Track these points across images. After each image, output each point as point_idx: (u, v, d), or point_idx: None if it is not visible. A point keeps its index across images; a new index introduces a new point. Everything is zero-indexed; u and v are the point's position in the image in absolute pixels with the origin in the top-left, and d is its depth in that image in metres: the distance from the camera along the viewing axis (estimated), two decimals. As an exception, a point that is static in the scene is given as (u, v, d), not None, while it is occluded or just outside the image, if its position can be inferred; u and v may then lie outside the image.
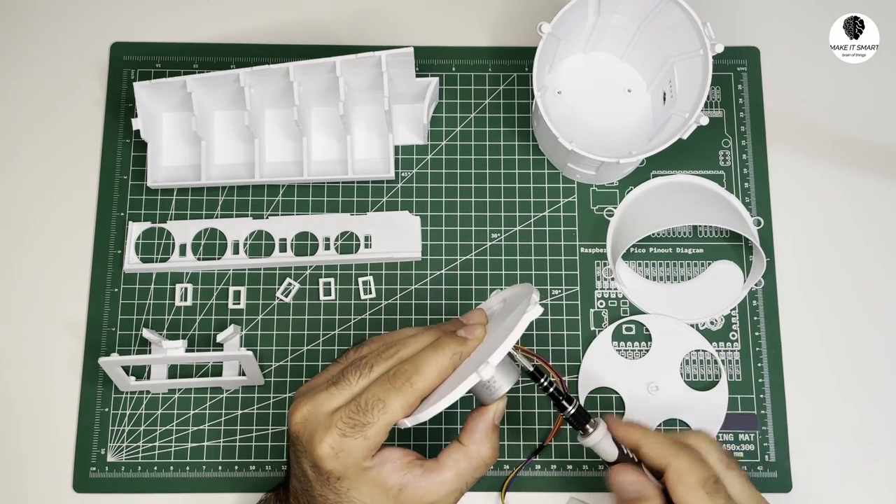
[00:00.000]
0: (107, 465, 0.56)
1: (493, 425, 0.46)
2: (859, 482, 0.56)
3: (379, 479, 0.44)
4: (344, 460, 0.43)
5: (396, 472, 0.44)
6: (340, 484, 0.43)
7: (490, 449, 0.45)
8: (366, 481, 0.43)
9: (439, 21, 0.63)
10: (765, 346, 0.58)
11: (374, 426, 0.43)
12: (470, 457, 0.45)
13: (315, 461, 0.43)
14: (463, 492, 0.45)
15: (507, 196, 0.60)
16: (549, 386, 0.46)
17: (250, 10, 0.63)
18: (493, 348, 0.43)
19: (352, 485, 0.43)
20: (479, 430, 0.45)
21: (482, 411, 0.46)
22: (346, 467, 0.43)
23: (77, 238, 0.59)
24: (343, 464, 0.43)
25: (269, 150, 0.60)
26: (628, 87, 0.60)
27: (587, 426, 0.47)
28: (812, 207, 0.60)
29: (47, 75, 0.62)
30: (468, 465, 0.45)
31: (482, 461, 0.45)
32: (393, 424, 0.43)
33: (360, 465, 0.43)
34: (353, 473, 0.43)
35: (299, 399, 0.45)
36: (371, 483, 0.43)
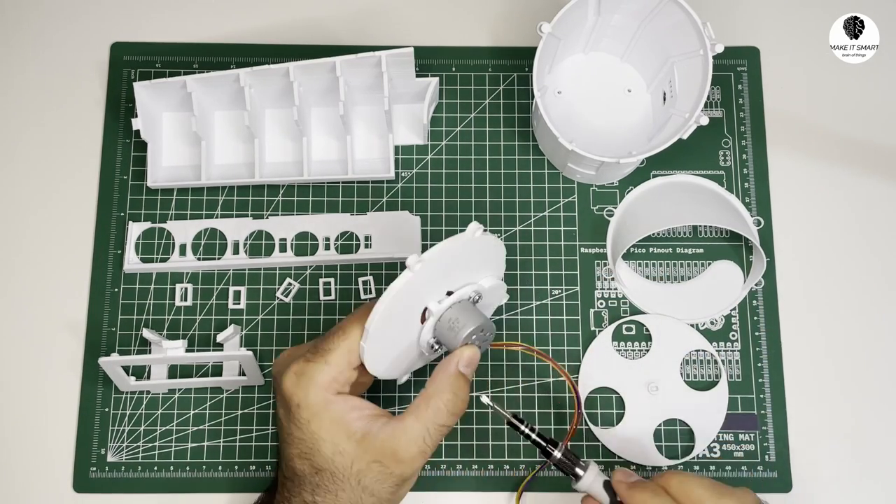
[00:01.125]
0: (107, 465, 0.56)
1: (457, 372, 0.45)
2: (859, 482, 0.56)
3: (340, 417, 0.44)
4: (305, 385, 0.44)
5: (361, 419, 0.44)
6: (301, 413, 0.44)
7: (449, 392, 0.45)
8: (326, 415, 0.44)
9: (439, 21, 0.63)
10: (765, 346, 0.58)
11: (335, 351, 0.44)
12: (428, 399, 0.45)
13: (282, 392, 0.45)
14: (426, 439, 0.44)
15: (507, 196, 0.60)
16: (530, 433, 0.47)
17: (250, 10, 0.63)
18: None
19: (311, 416, 0.44)
20: (440, 374, 0.45)
21: (447, 357, 0.46)
22: (305, 392, 0.44)
23: (77, 238, 0.59)
24: (304, 388, 0.44)
25: (269, 150, 0.60)
26: (628, 87, 0.60)
27: (577, 469, 0.47)
28: (812, 207, 0.60)
29: (47, 75, 0.62)
30: (427, 409, 0.44)
31: (442, 406, 0.44)
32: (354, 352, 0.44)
33: (321, 396, 0.44)
34: (313, 402, 0.44)
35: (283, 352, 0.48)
36: (331, 419, 0.44)
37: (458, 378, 0.45)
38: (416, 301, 0.45)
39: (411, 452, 0.44)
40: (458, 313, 0.46)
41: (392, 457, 0.44)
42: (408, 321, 0.46)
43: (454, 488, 0.55)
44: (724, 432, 0.56)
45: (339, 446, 0.44)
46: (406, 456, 0.44)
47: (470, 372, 0.46)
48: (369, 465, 0.44)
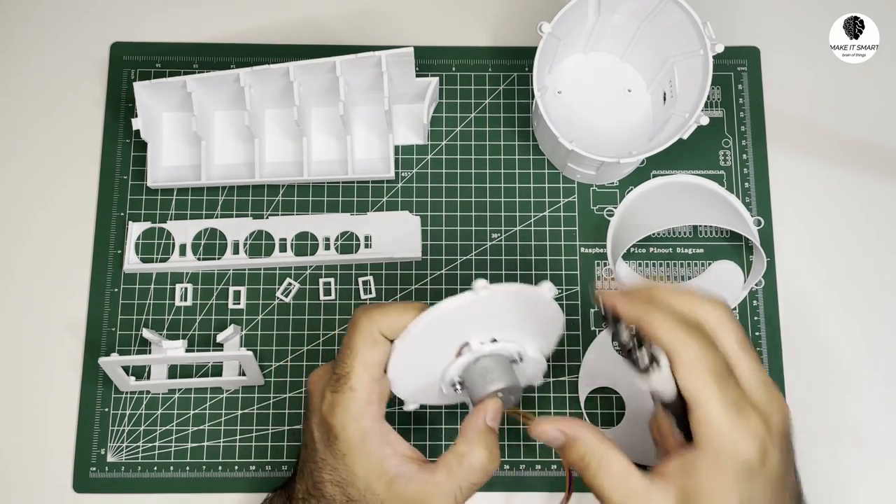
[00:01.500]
0: (107, 465, 0.56)
1: (487, 427, 0.44)
2: (859, 482, 0.56)
3: (375, 456, 0.43)
4: (341, 416, 0.43)
5: (394, 459, 0.44)
6: (338, 445, 0.43)
7: (483, 450, 0.44)
8: (362, 452, 0.43)
9: (439, 21, 0.63)
10: (765, 346, 0.58)
11: (353, 373, 0.43)
12: (461, 458, 0.44)
13: (321, 418, 0.44)
14: (457, 497, 0.43)
15: (507, 196, 0.60)
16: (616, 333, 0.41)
17: (250, 10, 0.63)
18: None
19: (348, 450, 0.43)
20: (470, 431, 0.44)
21: (474, 412, 0.45)
22: (343, 425, 0.43)
23: (77, 238, 0.59)
24: (340, 421, 0.43)
25: (269, 150, 0.60)
26: (628, 87, 0.60)
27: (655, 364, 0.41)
28: (812, 207, 0.60)
29: (47, 75, 0.62)
30: (460, 467, 0.43)
31: (475, 463, 0.44)
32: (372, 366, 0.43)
33: (358, 426, 0.43)
34: (350, 435, 0.43)
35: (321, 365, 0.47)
36: (367, 457, 0.43)
37: (489, 433, 0.44)
38: (459, 331, 0.44)
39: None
40: (496, 364, 0.45)
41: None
42: (442, 348, 0.45)
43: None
44: (724, 432, 0.56)
45: (371, 485, 0.43)
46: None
47: (496, 425, 0.45)
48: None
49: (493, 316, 0.44)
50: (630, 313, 0.41)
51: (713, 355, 0.39)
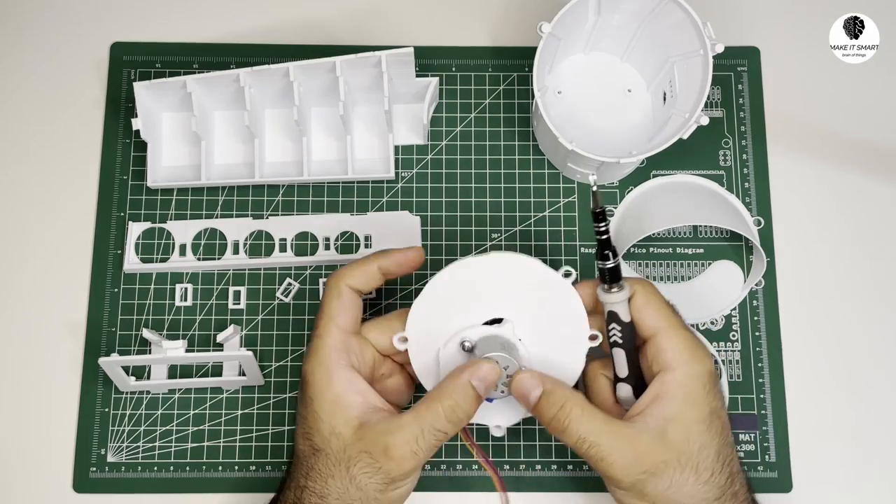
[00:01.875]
0: (107, 466, 0.56)
1: (467, 382, 0.44)
2: (859, 482, 0.56)
3: (342, 399, 0.45)
4: (312, 362, 0.46)
5: (362, 407, 0.45)
6: (307, 392, 0.46)
7: (453, 401, 0.44)
8: (328, 395, 0.45)
9: (439, 21, 0.63)
10: (765, 346, 0.58)
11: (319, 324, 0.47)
12: (430, 403, 0.44)
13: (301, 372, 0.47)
14: (420, 442, 0.43)
15: (507, 196, 0.60)
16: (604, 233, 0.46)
17: (250, 10, 0.63)
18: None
19: (315, 393, 0.45)
20: (448, 380, 0.45)
21: (460, 366, 0.45)
22: (312, 368, 0.46)
23: (77, 238, 0.59)
24: (311, 363, 0.46)
25: (269, 150, 0.60)
26: (628, 87, 0.60)
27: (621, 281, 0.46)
28: (812, 207, 0.60)
29: (47, 75, 0.62)
30: (427, 412, 0.44)
31: (441, 413, 0.44)
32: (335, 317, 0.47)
33: (323, 367, 0.46)
34: (317, 379, 0.46)
35: None
36: (332, 400, 0.45)
37: (466, 387, 0.44)
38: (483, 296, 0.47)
39: (402, 451, 0.43)
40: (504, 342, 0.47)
41: (383, 451, 0.43)
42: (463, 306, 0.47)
43: (454, 488, 0.55)
44: (724, 432, 0.56)
45: (335, 428, 0.44)
46: (396, 453, 0.43)
47: (482, 388, 0.45)
48: (360, 453, 0.44)
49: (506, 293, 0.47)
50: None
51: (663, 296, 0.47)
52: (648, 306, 0.46)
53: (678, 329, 0.46)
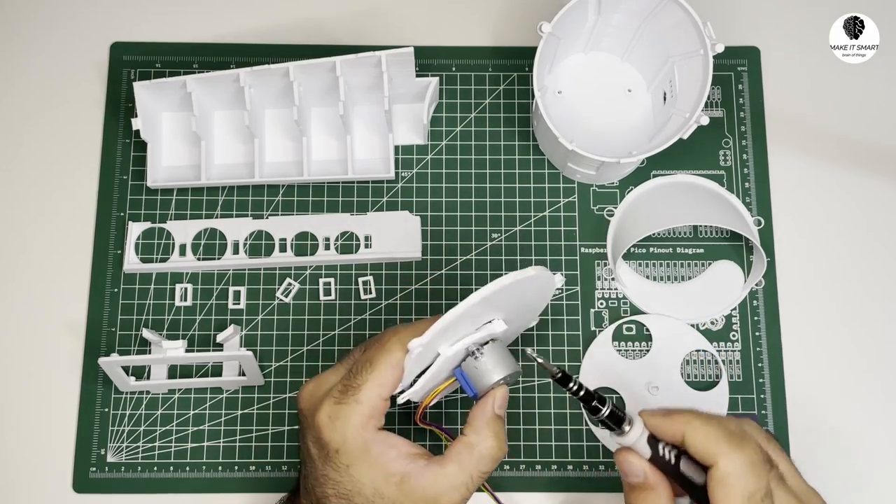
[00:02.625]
0: (107, 466, 0.56)
1: (494, 415, 0.45)
2: (859, 482, 0.56)
3: (380, 461, 0.43)
4: (341, 429, 0.43)
5: (400, 459, 0.44)
6: (339, 458, 0.43)
7: (492, 438, 0.44)
8: (366, 459, 0.43)
9: (439, 21, 0.63)
10: (765, 346, 0.58)
11: (364, 387, 0.43)
12: (472, 447, 0.44)
13: (316, 434, 0.44)
14: (469, 487, 0.44)
15: (507, 196, 0.60)
16: (578, 390, 0.42)
17: (250, 10, 0.63)
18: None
19: (351, 461, 0.43)
20: (478, 419, 0.45)
21: (482, 401, 0.45)
22: (343, 437, 0.43)
23: (77, 238, 0.59)
24: (340, 433, 0.43)
25: (269, 150, 0.60)
26: (628, 87, 0.60)
27: (624, 425, 0.42)
28: (812, 207, 0.60)
29: (47, 75, 0.62)
30: (471, 457, 0.44)
31: (485, 452, 0.44)
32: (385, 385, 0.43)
33: (359, 437, 0.43)
34: (352, 447, 0.43)
35: (307, 382, 0.47)
36: (371, 464, 0.43)
37: (498, 421, 0.45)
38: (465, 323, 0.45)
39: (453, 500, 0.43)
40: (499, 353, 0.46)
41: (432, 503, 0.43)
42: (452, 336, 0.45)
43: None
44: (724, 432, 0.56)
45: (379, 489, 0.43)
46: (446, 502, 0.43)
47: (504, 413, 0.45)
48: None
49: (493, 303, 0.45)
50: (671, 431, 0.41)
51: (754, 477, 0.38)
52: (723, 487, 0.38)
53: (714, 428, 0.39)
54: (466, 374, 0.46)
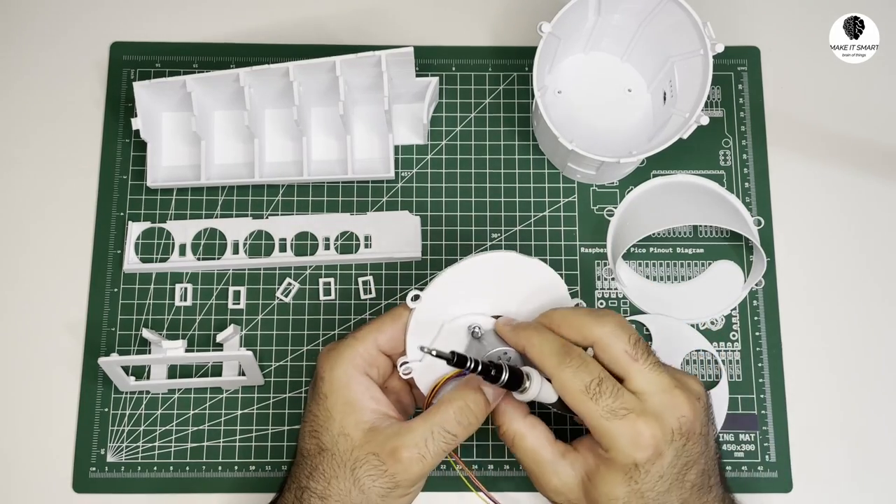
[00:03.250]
0: (106, 466, 0.56)
1: (477, 387, 0.46)
2: (859, 482, 0.56)
3: (355, 400, 0.45)
4: (332, 358, 0.46)
5: (375, 413, 0.45)
6: (322, 386, 0.45)
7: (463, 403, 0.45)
8: (343, 394, 0.45)
9: (439, 21, 0.63)
10: (765, 346, 0.58)
11: (363, 330, 0.46)
12: (440, 405, 0.45)
13: (316, 370, 0.46)
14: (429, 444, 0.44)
15: (507, 196, 0.60)
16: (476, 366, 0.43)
17: (250, 10, 0.63)
18: None
19: (330, 391, 0.45)
20: (461, 385, 0.46)
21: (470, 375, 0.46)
22: (331, 366, 0.45)
23: (77, 238, 0.59)
24: (330, 361, 0.46)
25: (269, 150, 0.60)
26: (628, 86, 0.60)
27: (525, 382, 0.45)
28: (812, 207, 0.60)
29: (47, 75, 0.62)
30: (437, 414, 0.45)
31: (452, 414, 0.45)
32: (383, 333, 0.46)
33: (343, 369, 0.45)
34: (335, 376, 0.45)
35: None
36: (346, 400, 0.45)
37: (476, 392, 0.46)
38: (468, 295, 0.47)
39: (410, 453, 0.43)
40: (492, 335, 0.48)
41: (390, 454, 0.43)
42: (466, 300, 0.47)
43: (456, 489, 0.55)
44: (724, 432, 0.56)
45: (345, 428, 0.44)
46: (404, 455, 0.43)
47: (490, 395, 0.46)
48: (367, 455, 0.44)
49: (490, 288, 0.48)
50: (515, 341, 0.47)
51: (583, 374, 0.43)
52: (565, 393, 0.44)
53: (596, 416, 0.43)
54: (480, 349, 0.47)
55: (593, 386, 0.43)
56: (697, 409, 0.44)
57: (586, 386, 0.43)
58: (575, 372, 0.43)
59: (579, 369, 0.43)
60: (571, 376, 0.43)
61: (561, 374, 0.43)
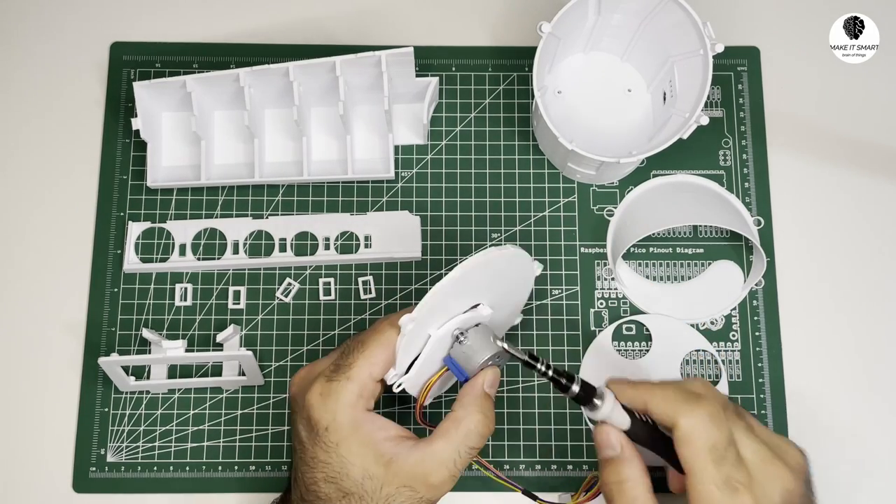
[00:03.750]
0: (107, 465, 0.56)
1: (483, 392, 0.45)
2: (859, 482, 0.56)
3: (370, 440, 0.43)
4: (332, 406, 0.43)
5: (388, 441, 0.44)
6: (329, 437, 0.43)
7: (479, 413, 0.44)
8: (355, 438, 0.43)
9: (439, 21, 0.63)
10: (765, 346, 0.58)
11: (355, 365, 0.44)
12: (459, 422, 0.44)
13: (307, 413, 0.44)
14: (457, 463, 0.44)
15: (507, 196, 0.60)
16: (547, 370, 0.44)
17: (250, 10, 0.63)
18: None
19: (340, 439, 0.43)
20: (467, 396, 0.45)
21: (471, 380, 0.46)
22: (333, 414, 0.43)
23: (77, 238, 0.59)
24: (331, 410, 0.43)
25: (269, 150, 0.60)
26: (628, 86, 0.60)
27: (594, 399, 0.43)
28: (812, 207, 0.60)
29: (47, 75, 0.62)
30: (458, 432, 0.44)
31: (472, 427, 0.44)
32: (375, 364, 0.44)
33: (349, 415, 0.43)
34: (342, 424, 0.43)
35: (299, 369, 0.47)
36: (361, 442, 0.43)
37: (486, 398, 0.45)
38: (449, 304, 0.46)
39: (442, 476, 0.43)
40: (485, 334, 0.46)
41: (423, 481, 0.43)
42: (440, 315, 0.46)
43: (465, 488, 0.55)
44: (724, 432, 0.56)
45: (368, 470, 0.43)
46: (437, 480, 0.43)
47: (494, 392, 0.46)
48: (399, 489, 0.43)
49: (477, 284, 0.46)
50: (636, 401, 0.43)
51: (714, 429, 0.40)
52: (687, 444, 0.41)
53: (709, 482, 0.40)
54: (455, 360, 0.46)
55: (722, 446, 0.40)
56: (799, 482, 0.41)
57: (715, 444, 0.40)
58: (707, 424, 0.40)
59: (712, 422, 0.40)
60: (704, 427, 0.40)
61: (690, 420, 0.40)
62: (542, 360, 0.44)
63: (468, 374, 0.46)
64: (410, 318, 0.43)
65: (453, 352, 0.46)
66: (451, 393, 0.56)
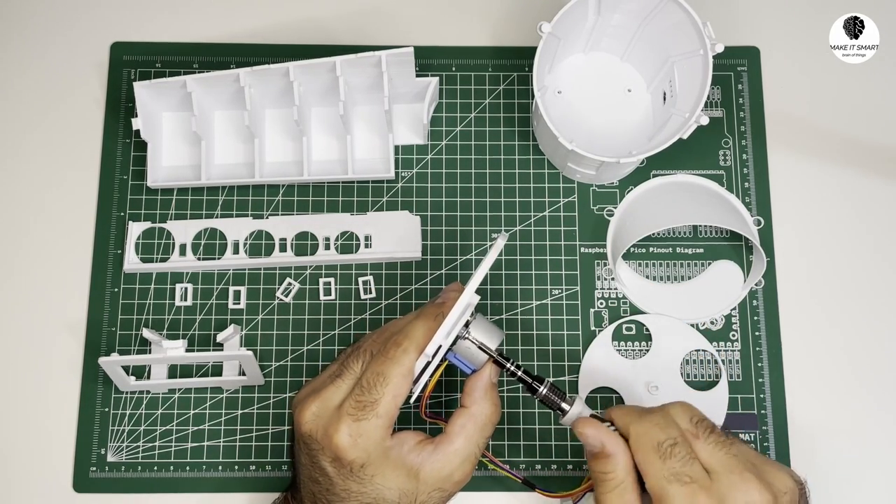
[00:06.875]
0: (107, 465, 0.56)
1: (491, 383, 0.47)
2: (859, 482, 0.56)
3: (400, 460, 0.45)
4: (364, 445, 0.44)
5: (412, 453, 0.45)
6: (364, 471, 0.44)
7: (491, 405, 0.46)
8: (389, 464, 0.45)
9: (439, 21, 0.63)
10: (765, 346, 0.58)
11: (382, 401, 0.44)
12: (474, 417, 0.46)
13: (336, 454, 0.44)
14: (476, 455, 0.46)
15: (507, 196, 0.60)
16: (516, 370, 0.47)
17: (250, 10, 0.63)
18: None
19: (376, 470, 0.44)
20: (477, 389, 0.47)
21: (478, 372, 0.47)
22: (367, 452, 0.44)
23: (77, 238, 0.59)
24: (364, 449, 0.44)
25: (269, 150, 0.60)
26: (628, 86, 0.60)
27: (563, 404, 0.47)
28: (812, 207, 0.60)
29: (47, 75, 0.62)
30: (474, 426, 0.46)
31: (486, 418, 0.46)
32: (400, 396, 0.45)
33: (381, 448, 0.44)
34: (375, 458, 0.44)
35: (304, 400, 0.46)
36: (394, 466, 0.45)
37: (493, 388, 0.47)
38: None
39: (466, 471, 0.46)
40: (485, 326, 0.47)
41: (450, 480, 0.46)
42: None
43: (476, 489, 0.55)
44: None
45: (403, 488, 0.45)
46: (462, 476, 0.46)
47: (496, 381, 0.48)
48: (430, 494, 0.45)
49: None
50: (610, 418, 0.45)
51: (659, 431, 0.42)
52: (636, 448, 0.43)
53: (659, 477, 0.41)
54: (460, 356, 0.47)
55: (666, 445, 0.42)
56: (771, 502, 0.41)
57: (659, 443, 0.42)
58: (652, 427, 0.43)
59: (657, 426, 0.42)
60: (647, 429, 0.42)
61: (639, 426, 0.43)
62: (511, 361, 0.47)
63: (475, 367, 0.47)
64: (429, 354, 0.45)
65: (457, 348, 0.47)
66: (451, 392, 0.55)
